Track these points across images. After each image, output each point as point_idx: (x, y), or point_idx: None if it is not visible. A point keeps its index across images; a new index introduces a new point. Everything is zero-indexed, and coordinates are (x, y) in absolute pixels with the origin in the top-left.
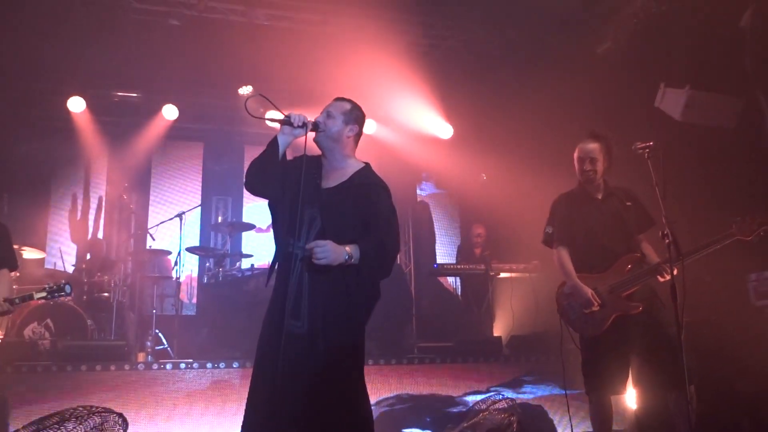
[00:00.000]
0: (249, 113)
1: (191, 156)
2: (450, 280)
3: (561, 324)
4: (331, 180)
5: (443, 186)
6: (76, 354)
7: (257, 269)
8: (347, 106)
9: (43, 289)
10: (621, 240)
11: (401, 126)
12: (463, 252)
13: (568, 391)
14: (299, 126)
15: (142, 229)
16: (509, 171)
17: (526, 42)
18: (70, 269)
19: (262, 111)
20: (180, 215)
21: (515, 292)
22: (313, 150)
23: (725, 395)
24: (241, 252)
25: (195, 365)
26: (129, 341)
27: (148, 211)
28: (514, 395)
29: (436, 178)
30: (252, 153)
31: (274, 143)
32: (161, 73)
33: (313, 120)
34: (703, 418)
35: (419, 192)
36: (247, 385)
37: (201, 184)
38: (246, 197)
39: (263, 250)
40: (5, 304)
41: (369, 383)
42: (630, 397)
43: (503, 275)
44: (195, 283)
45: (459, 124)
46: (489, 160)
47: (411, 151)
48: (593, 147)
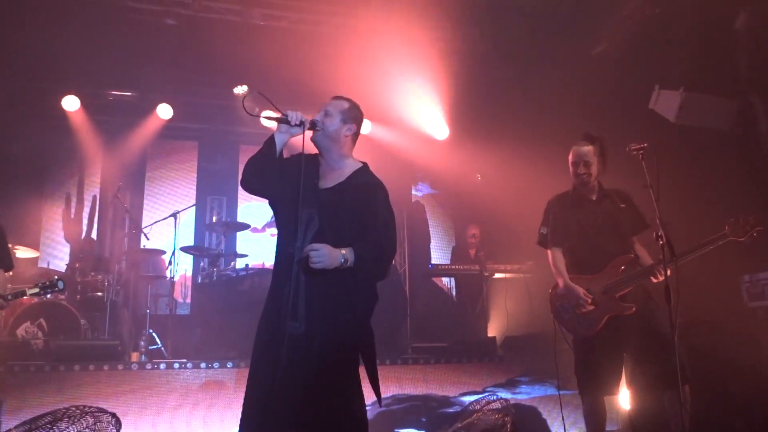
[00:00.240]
0: (246, 111)
1: (186, 155)
2: (445, 280)
3: (555, 325)
4: (329, 180)
5: (438, 186)
6: (69, 354)
7: (252, 269)
8: (345, 104)
9: (36, 286)
10: (615, 241)
11: (397, 126)
12: (458, 252)
13: (562, 392)
14: (296, 124)
15: (136, 229)
16: (504, 172)
17: (521, 43)
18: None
19: (258, 110)
20: (174, 214)
21: (510, 292)
22: (311, 149)
23: (719, 396)
24: (236, 252)
25: (189, 365)
26: (123, 341)
27: (142, 211)
28: (509, 396)
29: (431, 178)
30: (247, 153)
31: (270, 141)
32: (156, 72)
33: (311, 119)
34: (697, 418)
35: (415, 192)
36: (242, 385)
37: (196, 183)
38: (241, 197)
39: (258, 250)
40: None
41: (364, 383)
42: (624, 398)
43: (498, 276)
44: (189, 283)
45: (455, 124)
46: (484, 160)
47: (406, 152)
48: (587, 149)
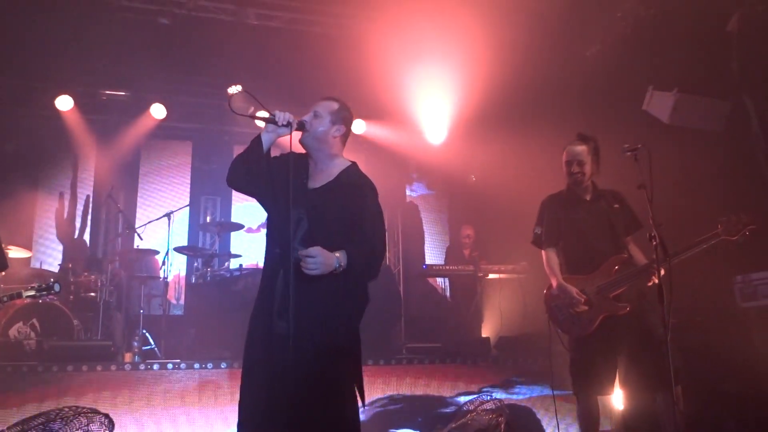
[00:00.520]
0: (232, 110)
1: (180, 155)
2: (439, 281)
3: (549, 325)
4: (318, 180)
5: (433, 187)
6: (62, 354)
7: (246, 269)
8: (335, 105)
9: (32, 288)
10: (609, 241)
11: (392, 126)
12: (452, 253)
13: (556, 392)
14: (284, 125)
15: (129, 229)
16: (498, 172)
17: (515, 43)
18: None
19: (253, 110)
20: (168, 215)
21: (503, 293)
22: (300, 149)
23: (711, 396)
24: (230, 252)
25: (182, 366)
26: (116, 341)
27: (135, 210)
28: (505, 396)
29: (426, 179)
30: None
31: (257, 140)
32: (150, 72)
33: (299, 120)
34: (690, 418)
35: (409, 193)
36: (236, 386)
37: (189, 183)
38: (235, 197)
39: (252, 250)
40: None
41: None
42: (617, 398)
43: (492, 276)
44: (183, 283)
45: (449, 125)
46: (478, 161)
47: (401, 152)
48: (581, 149)
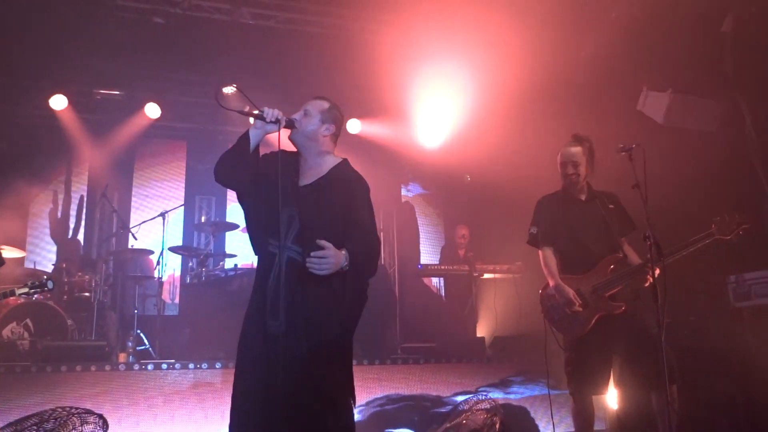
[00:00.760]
0: (219, 104)
1: (174, 155)
2: (434, 280)
3: (545, 325)
4: (308, 177)
5: (428, 187)
6: (56, 354)
7: (241, 269)
8: (325, 105)
9: (25, 285)
10: (604, 241)
11: (387, 126)
12: (447, 253)
13: (551, 392)
14: (272, 121)
15: (124, 228)
16: (493, 173)
17: (510, 44)
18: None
19: (248, 109)
20: (163, 214)
21: (499, 293)
22: (289, 147)
23: (705, 395)
24: (225, 252)
25: (177, 366)
26: (110, 341)
27: (130, 210)
28: (501, 396)
29: (421, 179)
30: None
31: (245, 136)
32: (144, 71)
33: (289, 117)
34: (684, 417)
35: (405, 193)
36: (230, 386)
37: (184, 183)
38: (230, 197)
39: (247, 250)
40: None
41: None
42: (611, 397)
43: (487, 276)
44: (177, 283)
45: (444, 124)
46: (473, 161)
47: (396, 152)
48: (576, 151)
